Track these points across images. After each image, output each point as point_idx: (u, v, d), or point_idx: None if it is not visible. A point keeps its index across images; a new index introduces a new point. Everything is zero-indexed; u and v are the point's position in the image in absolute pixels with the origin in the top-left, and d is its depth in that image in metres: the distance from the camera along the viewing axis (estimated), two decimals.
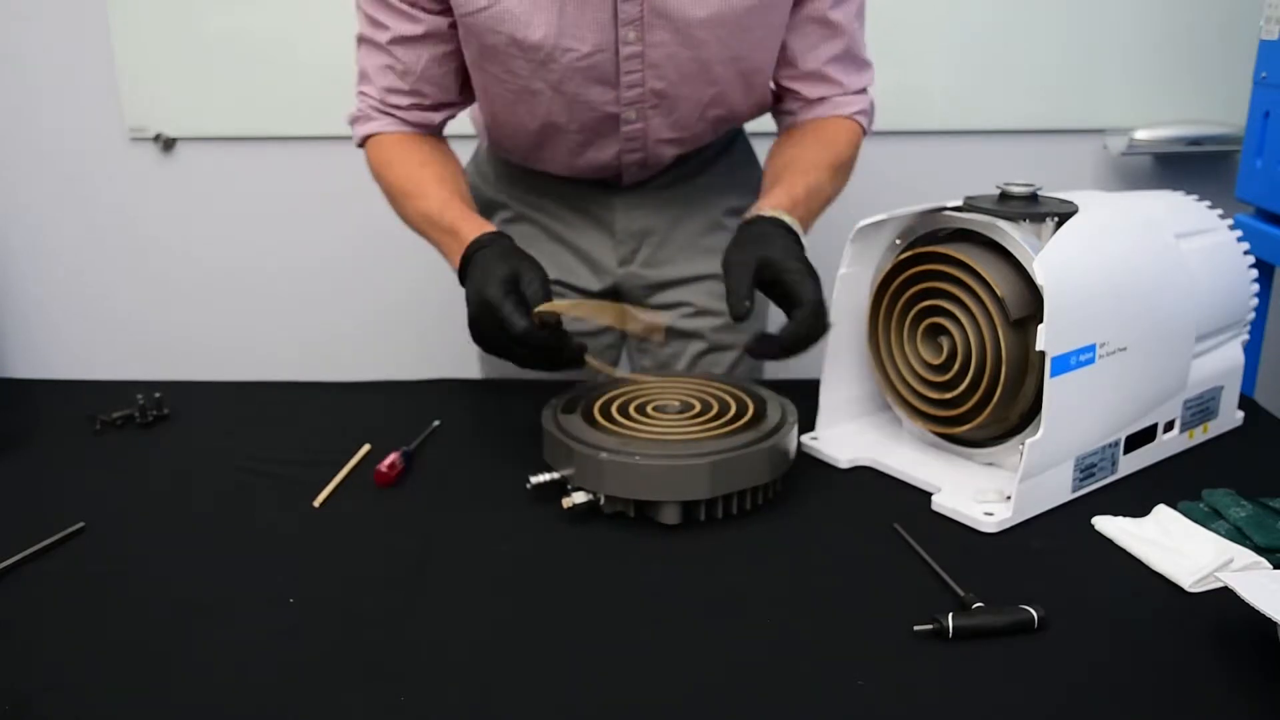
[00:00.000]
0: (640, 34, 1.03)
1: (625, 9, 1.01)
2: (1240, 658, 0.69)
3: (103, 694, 0.67)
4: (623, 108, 1.09)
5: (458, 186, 1.09)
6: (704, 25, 1.03)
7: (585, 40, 1.03)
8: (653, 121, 1.12)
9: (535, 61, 1.04)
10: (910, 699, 0.66)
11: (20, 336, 2.11)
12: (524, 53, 1.03)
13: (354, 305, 2.05)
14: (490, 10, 1.01)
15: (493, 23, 1.02)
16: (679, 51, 1.05)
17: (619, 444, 0.87)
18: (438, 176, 1.09)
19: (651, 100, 1.09)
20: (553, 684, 0.68)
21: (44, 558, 0.84)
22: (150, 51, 1.89)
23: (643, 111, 1.10)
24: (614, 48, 1.04)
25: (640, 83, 1.07)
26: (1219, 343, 1.02)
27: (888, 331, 0.99)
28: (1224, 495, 0.88)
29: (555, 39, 1.02)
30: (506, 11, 1.01)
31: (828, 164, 1.09)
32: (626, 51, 1.04)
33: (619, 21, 1.02)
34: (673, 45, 1.04)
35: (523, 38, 1.02)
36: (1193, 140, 1.80)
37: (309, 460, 0.99)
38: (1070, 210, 0.90)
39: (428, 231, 1.07)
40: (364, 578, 0.80)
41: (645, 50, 1.04)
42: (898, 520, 0.87)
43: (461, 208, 1.04)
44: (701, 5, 1.02)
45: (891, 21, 1.80)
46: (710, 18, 1.02)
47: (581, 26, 1.02)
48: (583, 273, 1.27)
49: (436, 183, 1.07)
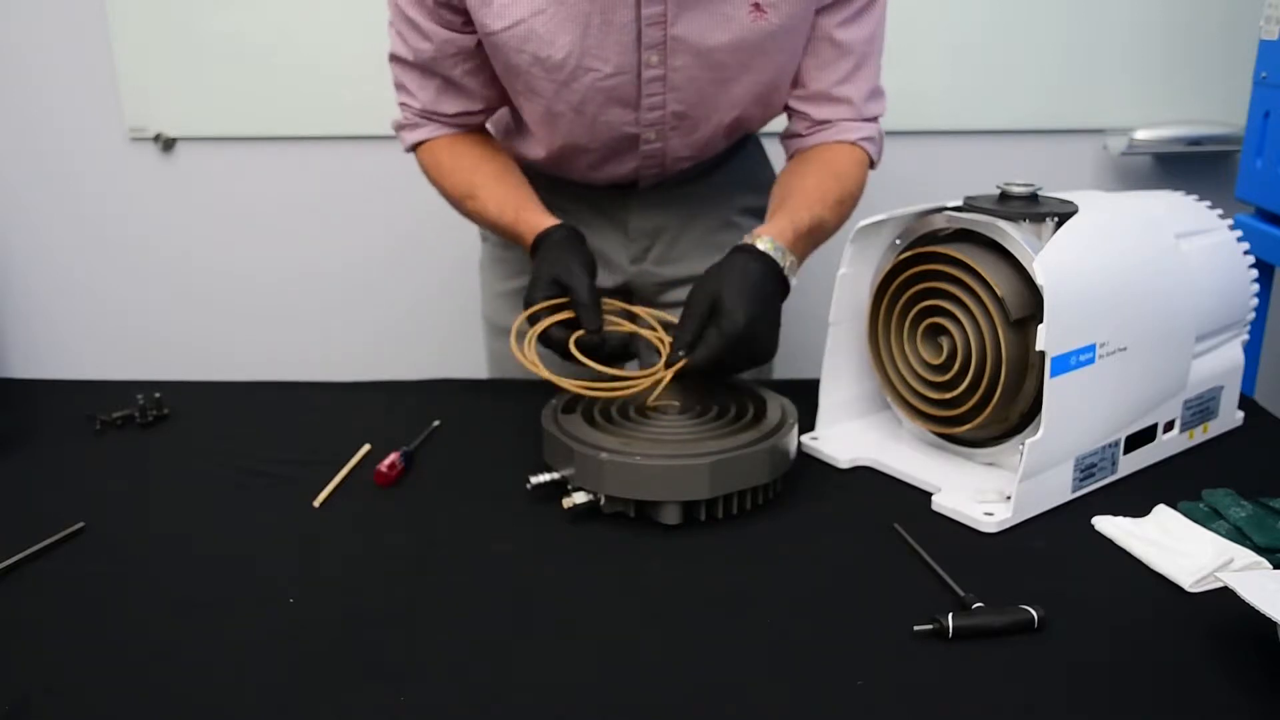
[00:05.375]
0: (663, 58, 1.03)
1: (649, 33, 1.01)
2: (1240, 658, 0.69)
3: (103, 694, 0.67)
4: (642, 128, 1.10)
5: (514, 181, 1.12)
6: (725, 50, 1.03)
7: (608, 61, 1.03)
8: (671, 142, 1.12)
9: (558, 82, 1.04)
10: (910, 699, 0.66)
11: (20, 336, 2.11)
12: (547, 72, 1.03)
13: (354, 305, 2.05)
14: (515, 30, 1.01)
15: (517, 42, 1.02)
16: (700, 75, 1.05)
17: (619, 444, 0.87)
18: (494, 174, 1.12)
19: (671, 122, 1.10)
20: (553, 684, 0.68)
21: (44, 558, 0.84)
22: (150, 51, 1.89)
23: (662, 132, 1.11)
24: (636, 70, 1.04)
25: (661, 105, 1.07)
26: (1219, 343, 1.02)
27: (888, 331, 0.99)
28: (1224, 495, 0.88)
29: (578, 59, 1.02)
30: (531, 31, 1.01)
31: (835, 198, 1.07)
32: (649, 75, 1.04)
33: (642, 46, 1.02)
34: (694, 69, 1.04)
35: (546, 56, 1.02)
36: (1193, 140, 1.80)
37: (309, 460, 0.99)
38: (1070, 210, 0.90)
39: (494, 230, 1.12)
40: (364, 578, 0.80)
41: (667, 74, 1.04)
42: (898, 520, 0.87)
43: (520, 201, 1.08)
44: (724, 30, 1.01)
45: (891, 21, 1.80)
46: (732, 42, 1.02)
47: (605, 48, 1.02)
48: None
49: (494, 180, 1.11)
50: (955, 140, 1.88)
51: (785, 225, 1.00)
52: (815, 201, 1.05)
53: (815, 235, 1.04)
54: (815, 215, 1.03)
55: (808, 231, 1.02)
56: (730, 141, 1.20)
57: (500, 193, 1.09)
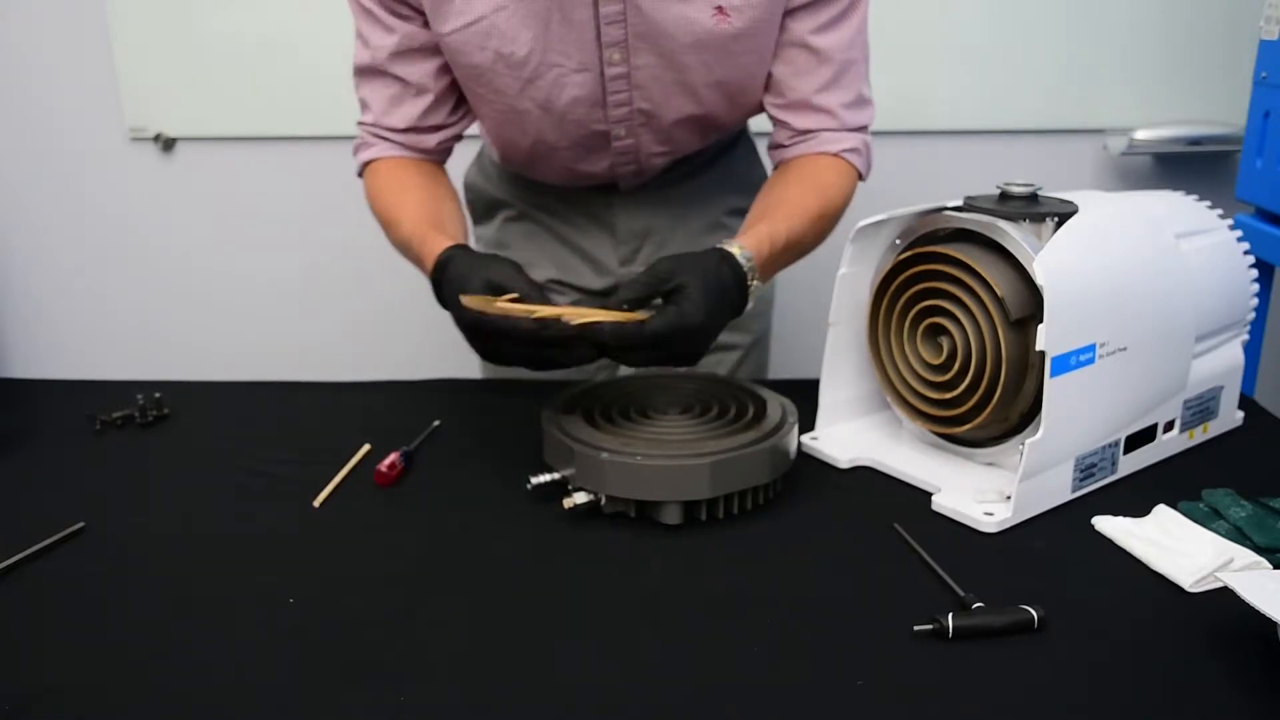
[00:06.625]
0: (625, 56, 1.03)
1: (609, 32, 1.01)
2: (1240, 658, 0.69)
3: (103, 694, 0.67)
4: (611, 125, 1.09)
5: (434, 210, 1.05)
6: (689, 50, 1.02)
7: (571, 58, 1.02)
8: (643, 138, 1.11)
9: (522, 79, 1.04)
10: (910, 699, 0.66)
11: (20, 336, 2.11)
12: (511, 69, 1.03)
13: (355, 305, 2.05)
14: (476, 26, 1.00)
15: (479, 39, 1.01)
16: (664, 74, 1.04)
17: (620, 444, 0.87)
18: (416, 201, 1.06)
19: (640, 119, 1.09)
20: (553, 684, 0.68)
21: (44, 558, 0.84)
22: (150, 51, 1.89)
23: (632, 129, 1.10)
24: (599, 69, 1.03)
25: (628, 102, 1.07)
26: (1219, 343, 1.02)
27: (888, 331, 0.99)
28: (1224, 495, 0.88)
29: (541, 55, 1.02)
30: (494, 27, 1.00)
31: (814, 214, 1.04)
32: (612, 73, 1.04)
33: (603, 44, 1.01)
34: (657, 68, 1.04)
35: (510, 53, 1.01)
36: (1193, 140, 1.80)
37: (309, 460, 0.99)
38: (1070, 210, 0.90)
39: (409, 259, 1.04)
40: (364, 578, 0.80)
41: (631, 72, 1.04)
42: (898, 520, 0.87)
43: (427, 231, 0.98)
44: (686, 31, 1.01)
45: (892, 21, 1.80)
46: (695, 43, 1.02)
47: (566, 44, 1.02)
48: (585, 272, 1.27)
49: (414, 207, 1.04)
50: (955, 140, 1.88)
51: (763, 240, 0.97)
52: (795, 218, 1.02)
53: (791, 252, 1.02)
54: (794, 232, 1.00)
55: (783, 249, 1.00)
56: (706, 140, 1.19)
57: (417, 216, 1.02)
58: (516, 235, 1.28)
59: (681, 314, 0.86)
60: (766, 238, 0.98)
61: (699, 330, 0.87)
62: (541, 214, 1.26)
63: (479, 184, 1.31)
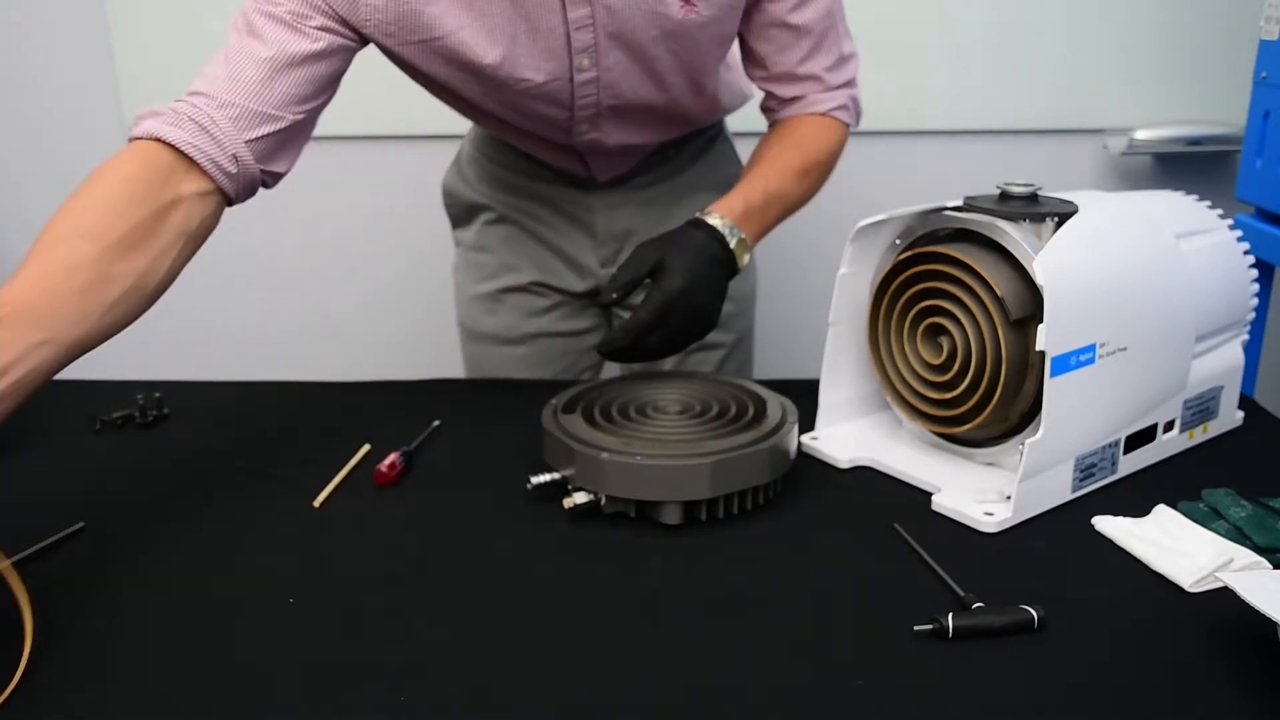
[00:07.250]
0: (595, 60, 1.03)
1: (579, 37, 1.00)
2: (1240, 658, 0.69)
3: (102, 694, 0.67)
4: (576, 122, 1.10)
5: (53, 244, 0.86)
6: (658, 42, 1.03)
7: (540, 70, 1.02)
8: (605, 126, 1.12)
9: (489, 86, 1.04)
10: (910, 699, 0.66)
11: None
12: (480, 82, 1.03)
13: (356, 304, 2.05)
14: (444, 40, 0.99)
15: (447, 53, 1.00)
16: (631, 69, 1.05)
17: (620, 444, 0.87)
18: (56, 222, 0.88)
19: (606, 114, 1.10)
20: (553, 684, 0.68)
21: (44, 558, 0.84)
22: (150, 51, 1.89)
23: (595, 122, 1.11)
24: (568, 75, 1.03)
25: (595, 103, 1.08)
26: (1219, 343, 1.02)
27: (888, 331, 0.99)
28: (1224, 495, 0.88)
29: (510, 69, 1.01)
30: (462, 43, 0.99)
31: (796, 168, 1.08)
32: (581, 79, 1.04)
33: (572, 50, 1.01)
34: (626, 64, 1.04)
35: (480, 67, 1.01)
36: (1193, 140, 1.80)
37: (309, 460, 0.99)
38: (1070, 210, 0.90)
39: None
40: (364, 578, 0.80)
41: (600, 74, 1.04)
42: (898, 520, 0.87)
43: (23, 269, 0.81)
44: (654, 25, 1.01)
45: (892, 21, 1.81)
46: (663, 34, 1.02)
47: (535, 56, 1.01)
48: (565, 274, 1.27)
49: (48, 229, 0.88)
50: (955, 140, 1.88)
51: (737, 201, 1.01)
52: (772, 174, 1.06)
53: (773, 208, 1.04)
54: (770, 188, 1.04)
55: (761, 206, 1.02)
56: (670, 134, 1.20)
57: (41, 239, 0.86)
58: (496, 238, 1.28)
59: (665, 286, 0.90)
60: (740, 196, 1.01)
61: (686, 294, 0.91)
62: (521, 216, 1.26)
63: (457, 189, 1.31)
